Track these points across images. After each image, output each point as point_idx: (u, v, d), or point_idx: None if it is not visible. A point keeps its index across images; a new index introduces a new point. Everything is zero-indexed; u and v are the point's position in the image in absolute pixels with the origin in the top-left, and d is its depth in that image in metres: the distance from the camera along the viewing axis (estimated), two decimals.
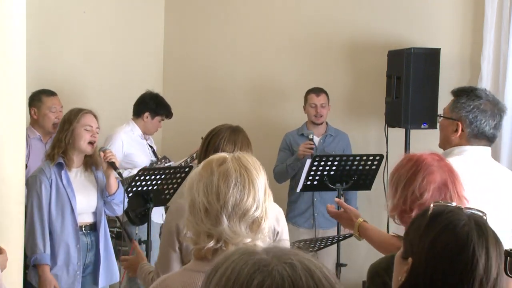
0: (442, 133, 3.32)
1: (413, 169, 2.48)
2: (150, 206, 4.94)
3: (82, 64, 6.49)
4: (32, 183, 4.42)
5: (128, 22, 6.92)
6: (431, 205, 1.80)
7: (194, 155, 5.61)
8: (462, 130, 3.20)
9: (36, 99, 5.45)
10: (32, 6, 4.69)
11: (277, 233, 3.16)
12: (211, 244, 2.06)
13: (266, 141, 6.27)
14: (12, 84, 3.84)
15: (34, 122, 5.47)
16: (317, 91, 5.87)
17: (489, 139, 3.24)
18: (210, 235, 2.06)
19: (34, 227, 4.36)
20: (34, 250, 4.35)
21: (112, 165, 4.51)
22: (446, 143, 3.29)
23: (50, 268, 4.39)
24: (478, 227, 1.73)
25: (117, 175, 4.59)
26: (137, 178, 4.83)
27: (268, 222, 2.11)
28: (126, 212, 5.33)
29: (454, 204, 1.87)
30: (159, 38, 7.28)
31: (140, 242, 5.12)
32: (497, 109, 3.24)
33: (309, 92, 5.90)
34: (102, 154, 4.52)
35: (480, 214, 1.83)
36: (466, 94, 3.26)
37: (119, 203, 4.59)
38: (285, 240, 3.20)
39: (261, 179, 2.11)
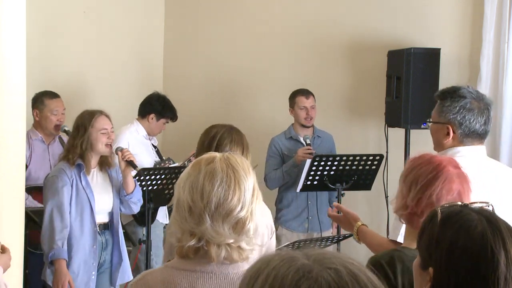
0: (434, 137, 3.32)
1: (433, 173, 2.41)
2: (150, 206, 4.94)
3: (81, 64, 6.49)
4: (52, 182, 4.43)
5: (128, 22, 6.92)
6: (438, 210, 1.78)
7: (191, 157, 5.61)
8: (454, 132, 3.20)
9: (39, 101, 5.47)
10: (32, 6, 4.69)
11: (273, 232, 3.19)
12: (193, 242, 2.05)
13: (266, 143, 6.26)
14: (12, 84, 3.84)
15: (37, 124, 5.50)
16: (306, 93, 5.79)
17: (481, 136, 3.24)
18: (193, 234, 2.06)
19: (53, 224, 4.37)
20: (52, 246, 4.36)
21: (131, 164, 4.55)
22: (438, 147, 3.28)
23: (67, 267, 4.40)
24: (490, 223, 1.72)
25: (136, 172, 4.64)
26: (137, 178, 4.83)
27: (254, 223, 2.08)
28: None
29: (459, 203, 1.85)
30: (159, 38, 7.28)
31: (140, 242, 5.13)
32: (483, 105, 3.22)
33: (297, 94, 5.80)
34: (119, 153, 4.54)
35: (486, 205, 1.82)
36: (449, 96, 3.23)
37: (137, 202, 4.64)
38: (273, 242, 3.21)
39: (249, 180, 2.09)
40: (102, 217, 4.55)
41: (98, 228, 4.51)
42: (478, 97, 3.24)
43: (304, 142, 5.64)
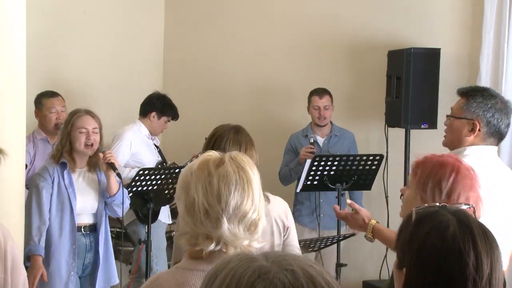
0: (454, 133, 3.27)
1: (452, 176, 2.40)
2: (150, 206, 4.94)
3: (81, 65, 6.49)
4: (34, 180, 4.47)
5: (128, 22, 6.92)
6: (413, 210, 1.77)
7: (193, 159, 5.60)
8: (479, 130, 3.19)
9: (38, 101, 5.58)
10: (32, 6, 4.69)
11: (287, 228, 3.14)
12: (212, 246, 2.04)
13: (268, 142, 6.26)
14: (12, 84, 3.84)
15: (40, 124, 5.58)
16: (320, 92, 5.86)
17: (502, 137, 3.25)
18: (209, 237, 2.05)
19: (31, 220, 4.37)
20: (29, 242, 4.36)
21: (111, 166, 4.50)
22: (457, 144, 3.25)
23: (46, 266, 4.39)
24: (461, 223, 1.68)
25: (116, 176, 4.59)
26: (137, 178, 4.83)
27: (263, 223, 2.10)
28: (135, 211, 5.35)
29: (437, 204, 1.84)
30: (159, 38, 7.28)
31: (140, 242, 5.13)
32: (508, 108, 3.25)
33: (312, 93, 5.89)
34: (101, 155, 4.52)
35: (465, 208, 1.80)
36: (480, 93, 3.23)
37: (120, 204, 4.57)
38: (295, 236, 3.16)
39: (257, 179, 2.11)
40: (86, 218, 4.54)
41: (83, 229, 4.50)
42: (503, 100, 3.27)
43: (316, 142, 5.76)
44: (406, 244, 1.73)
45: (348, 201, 3.26)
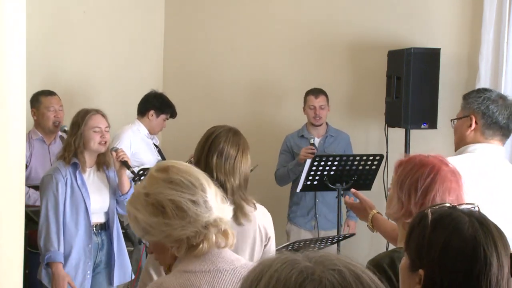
0: (457, 134, 3.34)
1: (430, 176, 2.37)
2: None
3: (81, 65, 6.49)
4: (47, 182, 4.43)
5: (128, 22, 6.92)
6: (429, 211, 1.78)
7: (191, 159, 5.61)
8: (476, 123, 3.24)
9: (35, 100, 5.53)
10: (32, 6, 4.69)
11: (269, 238, 3.16)
12: (221, 226, 2.12)
13: (267, 143, 6.26)
14: (12, 84, 3.84)
15: (37, 124, 5.56)
16: (316, 92, 5.85)
17: (503, 130, 3.26)
18: (208, 224, 2.11)
19: (49, 225, 4.38)
20: (48, 248, 4.37)
21: (125, 164, 4.54)
22: (461, 142, 3.31)
23: (63, 267, 4.40)
24: (481, 225, 1.73)
25: (131, 174, 4.61)
26: (136, 178, 4.84)
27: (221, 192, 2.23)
28: None
29: (447, 204, 1.85)
30: (159, 38, 7.28)
31: (140, 242, 5.13)
32: (508, 101, 3.30)
33: (308, 93, 5.89)
34: (114, 154, 4.54)
35: (472, 207, 1.83)
36: (476, 90, 3.38)
37: None
38: (274, 246, 3.21)
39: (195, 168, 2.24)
40: (98, 217, 4.55)
41: (94, 228, 4.51)
42: (502, 95, 3.35)
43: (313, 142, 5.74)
44: (425, 246, 1.74)
45: (353, 190, 3.37)
